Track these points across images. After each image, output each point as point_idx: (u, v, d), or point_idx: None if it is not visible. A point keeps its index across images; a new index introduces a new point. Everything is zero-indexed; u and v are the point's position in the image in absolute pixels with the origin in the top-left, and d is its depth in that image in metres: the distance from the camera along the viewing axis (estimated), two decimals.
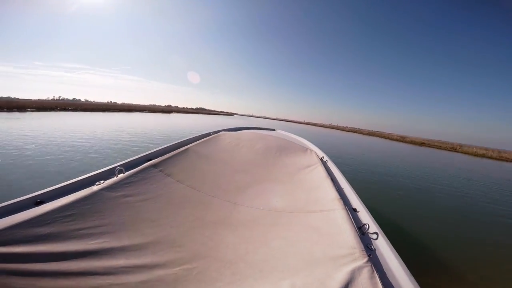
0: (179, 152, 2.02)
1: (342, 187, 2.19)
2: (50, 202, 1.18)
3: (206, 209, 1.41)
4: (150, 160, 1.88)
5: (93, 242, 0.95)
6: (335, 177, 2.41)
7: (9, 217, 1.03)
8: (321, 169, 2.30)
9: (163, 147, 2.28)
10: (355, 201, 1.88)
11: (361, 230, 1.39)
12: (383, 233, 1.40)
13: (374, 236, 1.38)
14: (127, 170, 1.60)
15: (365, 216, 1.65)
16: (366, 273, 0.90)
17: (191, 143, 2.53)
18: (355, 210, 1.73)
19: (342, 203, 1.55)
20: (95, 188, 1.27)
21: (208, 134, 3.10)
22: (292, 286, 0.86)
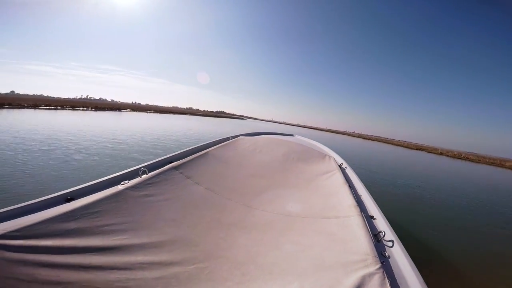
0: (199, 156, 2.10)
1: (360, 194, 2.17)
2: (79, 199, 1.27)
3: (222, 211, 1.45)
4: (172, 162, 1.97)
5: (115, 238, 1.01)
6: (353, 184, 2.40)
7: (41, 212, 1.12)
8: (339, 175, 2.29)
9: (183, 150, 2.37)
10: (373, 208, 1.87)
11: (376, 237, 1.38)
12: (399, 241, 1.38)
13: (390, 243, 1.36)
14: (150, 171, 1.68)
15: (381, 224, 1.63)
16: (376, 279, 0.89)
17: (210, 147, 2.61)
18: (372, 217, 1.72)
19: (359, 210, 1.54)
20: (120, 187, 1.35)
21: (227, 139, 3.17)
22: None
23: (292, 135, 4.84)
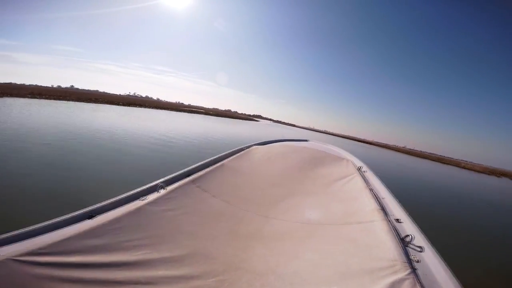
0: (215, 168, 2.13)
1: (383, 197, 2.09)
2: (101, 216, 1.30)
3: (240, 223, 1.45)
4: (189, 175, 2.00)
5: (138, 253, 1.03)
6: (375, 187, 2.31)
7: (66, 228, 1.15)
8: (358, 179, 2.22)
9: (200, 163, 2.38)
10: (398, 211, 1.79)
11: (404, 241, 1.29)
12: (430, 244, 1.31)
13: (419, 248, 1.28)
14: (167, 185, 1.71)
15: (409, 227, 1.55)
16: (407, 285, 0.84)
17: (225, 158, 2.63)
18: (398, 220, 1.64)
19: (383, 214, 1.47)
20: (140, 203, 1.37)
21: (241, 149, 3.14)
22: None
23: (306, 140, 4.74)
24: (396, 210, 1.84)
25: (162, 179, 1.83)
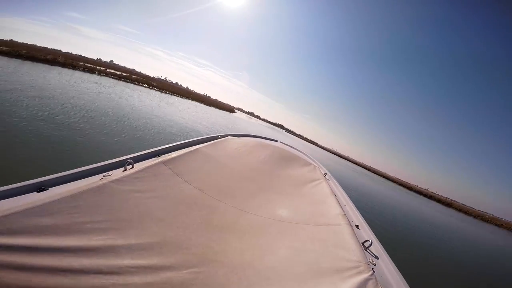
0: (188, 152, 2.00)
1: (345, 203, 2.28)
2: (53, 190, 1.14)
3: (213, 213, 1.39)
4: (159, 155, 1.87)
5: (98, 238, 0.89)
6: (338, 194, 2.51)
7: (5, 201, 0.98)
8: (325, 184, 2.34)
9: (172, 144, 2.25)
10: (357, 218, 1.98)
11: (364, 245, 1.43)
12: (384, 250, 1.48)
13: (376, 252, 1.46)
14: (136, 163, 1.56)
15: (366, 233, 1.75)
16: (371, 285, 0.93)
17: (200, 144, 2.52)
18: (357, 226, 1.81)
19: (347, 219, 1.57)
20: (103, 179, 1.20)
21: (216, 137, 3.08)
22: None
23: (276, 141, 4.84)
24: (355, 216, 2.04)
25: (129, 155, 1.66)
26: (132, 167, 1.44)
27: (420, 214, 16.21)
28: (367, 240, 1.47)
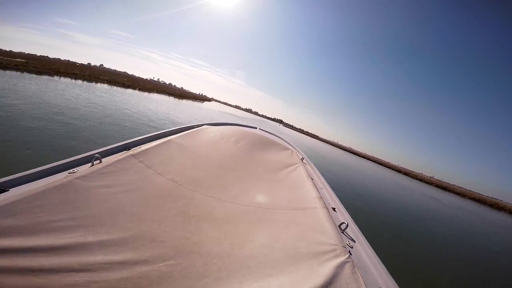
0: (161, 144, 1.93)
1: (322, 187, 2.34)
2: (14, 190, 1.09)
3: (189, 204, 1.37)
4: (129, 149, 1.80)
5: (67, 236, 0.87)
6: (315, 177, 2.56)
7: None
8: (302, 168, 2.37)
9: (143, 136, 2.16)
10: (334, 201, 2.01)
11: (340, 228, 1.46)
12: (361, 232, 1.50)
13: (353, 235, 1.48)
14: (104, 158, 1.52)
15: (343, 215, 1.77)
16: (348, 268, 0.95)
17: (173, 134, 2.45)
18: (334, 209, 1.84)
19: (323, 202, 1.59)
20: (68, 176, 1.15)
21: (191, 127, 3.01)
22: (279, 282, 0.87)
23: (255, 128, 4.81)
24: (332, 199, 2.07)
25: (97, 150, 1.60)
26: (100, 162, 1.40)
27: (398, 194, 15.94)
28: (343, 223, 1.50)
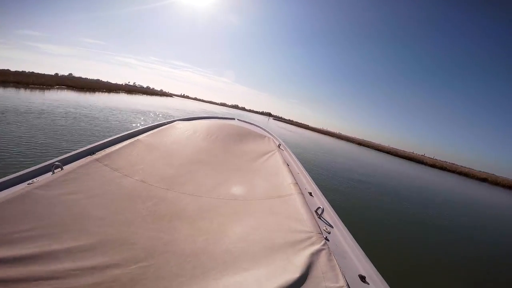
0: (127, 145, 1.86)
1: (298, 172, 2.33)
2: None
3: (160, 203, 1.33)
4: (93, 154, 1.72)
5: (31, 246, 0.85)
6: (291, 163, 2.56)
7: None
8: (278, 155, 2.36)
9: (107, 139, 2.08)
10: (311, 186, 2.00)
11: (317, 213, 1.45)
12: (337, 216, 1.47)
13: (330, 219, 1.46)
14: (66, 165, 1.46)
15: (320, 200, 1.74)
16: (324, 256, 0.94)
17: (141, 134, 2.35)
18: (310, 194, 1.82)
19: (299, 187, 1.59)
20: (28, 187, 1.12)
21: (161, 124, 2.91)
22: (255, 276, 0.86)
23: (233, 119, 4.76)
24: (308, 184, 2.07)
25: (57, 158, 1.54)
26: (62, 170, 1.35)
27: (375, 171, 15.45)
28: (319, 207, 1.49)
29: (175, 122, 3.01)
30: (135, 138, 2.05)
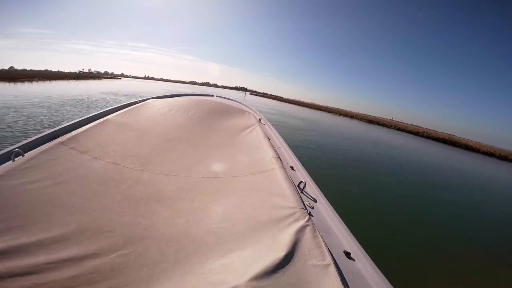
0: (96, 125, 1.73)
1: (279, 146, 2.32)
2: None
3: (136, 186, 1.25)
4: (57, 136, 1.60)
5: None
6: (272, 137, 2.53)
7: None
8: (259, 129, 2.32)
9: (74, 121, 1.92)
10: (292, 160, 1.98)
11: (299, 187, 1.43)
12: (319, 190, 1.45)
13: (312, 193, 1.44)
14: (27, 151, 1.36)
15: (302, 174, 1.73)
16: (308, 232, 0.93)
17: (110, 114, 2.20)
18: (292, 168, 1.81)
19: (280, 161, 1.56)
20: None
21: (134, 103, 2.74)
22: (241, 257, 0.84)
23: (212, 95, 4.58)
24: (290, 158, 2.05)
25: (17, 144, 1.42)
26: (23, 157, 1.24)
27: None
28: (301, 181, 1.47)
29: (149, 100, 2.84)
30: (105, 118, 1.92)
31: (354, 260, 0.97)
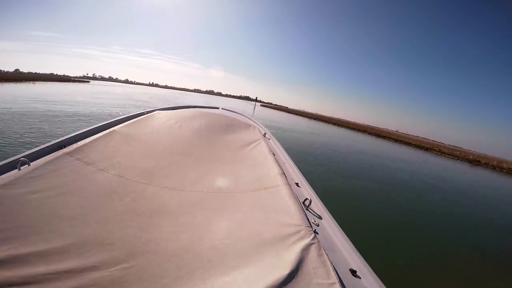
0: (101, 136, 1.74)
1: (284, 162, 2.30)
2: None
3: (139, 199, 1.25)
4: (64, 147, 1.61)
5: None
6: (277, 152, 2.53)
7: None
8: (264, 144, 2.31)
9: (80, 131, 1.93)
10: (297, 176, 1.96)
11: (304, 204, 1.41)
12: (325, 207, 1.44)
13: (317, 210, 1.43)
14: (32, 160, 1.38)
15: (307, 191, 1.71)
16: (314, 250, 0.91)
17: (116, 125, 2.21)
18: (297, 184, 1.79)
19: (285, 178, 1.55)
20: None
21: (140, 114, 2.76)
22: (244, 275, 0.83)
23: (217, 108, 4.64)
24: (295, 174, 2.03)
25: (24, 153, 1.43)
26: (28, 166, 1.26)
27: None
28: (307, 199, 1.46)
29: (155, 112, 2.86)
30: (111, 129, 1.94)
31: (360, 278, 0.95)
